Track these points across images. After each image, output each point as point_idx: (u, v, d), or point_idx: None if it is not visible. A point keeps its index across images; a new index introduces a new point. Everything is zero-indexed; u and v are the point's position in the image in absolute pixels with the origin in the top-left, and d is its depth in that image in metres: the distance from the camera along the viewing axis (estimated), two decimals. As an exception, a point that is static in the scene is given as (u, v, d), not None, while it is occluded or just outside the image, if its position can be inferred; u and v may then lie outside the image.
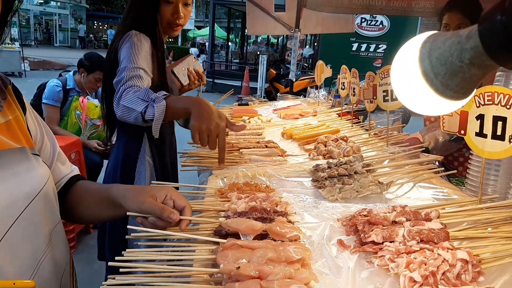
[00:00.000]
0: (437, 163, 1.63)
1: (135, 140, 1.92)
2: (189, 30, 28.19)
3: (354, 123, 2.47)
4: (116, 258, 0.93)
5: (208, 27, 21.61)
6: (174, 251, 1.02)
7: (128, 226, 0.98)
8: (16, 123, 0.89)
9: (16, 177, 0.83)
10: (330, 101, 3.49)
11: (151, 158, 1.95)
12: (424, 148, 1.77)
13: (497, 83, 1.31)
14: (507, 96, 1.04)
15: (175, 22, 1.91)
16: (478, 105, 1.11)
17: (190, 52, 14.35)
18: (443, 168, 1.53)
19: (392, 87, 0.67)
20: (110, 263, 0.89)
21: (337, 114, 2.82)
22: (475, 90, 0.60)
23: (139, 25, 1.79)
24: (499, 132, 1.07)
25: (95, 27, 41.86)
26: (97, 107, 3.83)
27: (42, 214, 0.87)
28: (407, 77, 0.61)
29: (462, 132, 1.16)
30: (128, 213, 0.98)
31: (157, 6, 1.84)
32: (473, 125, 1.13)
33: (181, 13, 1.90)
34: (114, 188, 1.02)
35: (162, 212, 0.94)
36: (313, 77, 3.55)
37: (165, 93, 1.47)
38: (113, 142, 2.08)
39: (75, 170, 1.12)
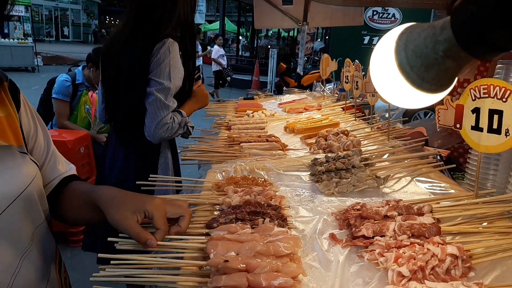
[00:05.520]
0: (438, 157, 1.61)
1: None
2: (200, 24, 28.19)
3: (357, 117, 2.45)
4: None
5: (218, 21, 21.55)
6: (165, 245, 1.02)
7: (109, 239, 0.94)
8: (7, 120, 0.87)
9: None
10: (336, 95, 3.46)
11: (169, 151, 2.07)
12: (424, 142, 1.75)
13: (497, 76, 1.28)
14: (503, 89, 1.02)
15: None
16: (473, 98, 1.09)
17: (209, 48, 13.99)
18: (442, 162, 1.51)
19: (371, 79, 0.66)
20: (100, 255, 0.90)
21: (341, 108, 2.80)
22: (454, 82, 0.59)
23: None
24: (495, 126, 1.05)
25: (107, 22, 42.20)
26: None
27: (23, 215, 0.85)
28: (385, 69, 0.61)
29: (458, 126, 1.14)
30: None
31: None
32: (468, 119, 1.11)
33: None
34: (99, 192, 0.96)
35: (138, 238, 0.88)
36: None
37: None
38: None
39: (71, 170, 1.08)
